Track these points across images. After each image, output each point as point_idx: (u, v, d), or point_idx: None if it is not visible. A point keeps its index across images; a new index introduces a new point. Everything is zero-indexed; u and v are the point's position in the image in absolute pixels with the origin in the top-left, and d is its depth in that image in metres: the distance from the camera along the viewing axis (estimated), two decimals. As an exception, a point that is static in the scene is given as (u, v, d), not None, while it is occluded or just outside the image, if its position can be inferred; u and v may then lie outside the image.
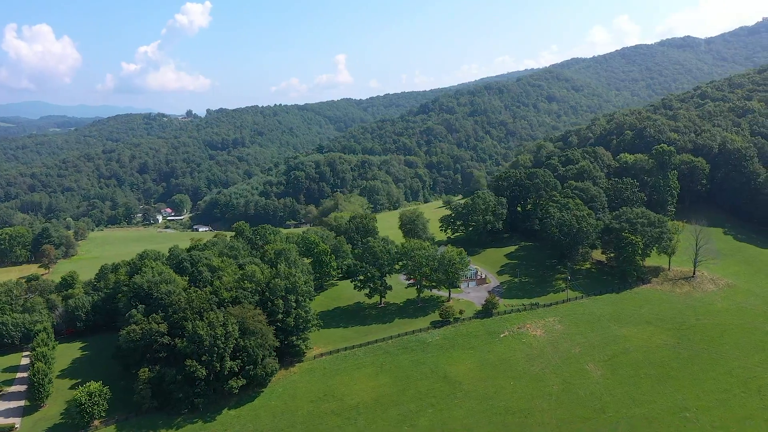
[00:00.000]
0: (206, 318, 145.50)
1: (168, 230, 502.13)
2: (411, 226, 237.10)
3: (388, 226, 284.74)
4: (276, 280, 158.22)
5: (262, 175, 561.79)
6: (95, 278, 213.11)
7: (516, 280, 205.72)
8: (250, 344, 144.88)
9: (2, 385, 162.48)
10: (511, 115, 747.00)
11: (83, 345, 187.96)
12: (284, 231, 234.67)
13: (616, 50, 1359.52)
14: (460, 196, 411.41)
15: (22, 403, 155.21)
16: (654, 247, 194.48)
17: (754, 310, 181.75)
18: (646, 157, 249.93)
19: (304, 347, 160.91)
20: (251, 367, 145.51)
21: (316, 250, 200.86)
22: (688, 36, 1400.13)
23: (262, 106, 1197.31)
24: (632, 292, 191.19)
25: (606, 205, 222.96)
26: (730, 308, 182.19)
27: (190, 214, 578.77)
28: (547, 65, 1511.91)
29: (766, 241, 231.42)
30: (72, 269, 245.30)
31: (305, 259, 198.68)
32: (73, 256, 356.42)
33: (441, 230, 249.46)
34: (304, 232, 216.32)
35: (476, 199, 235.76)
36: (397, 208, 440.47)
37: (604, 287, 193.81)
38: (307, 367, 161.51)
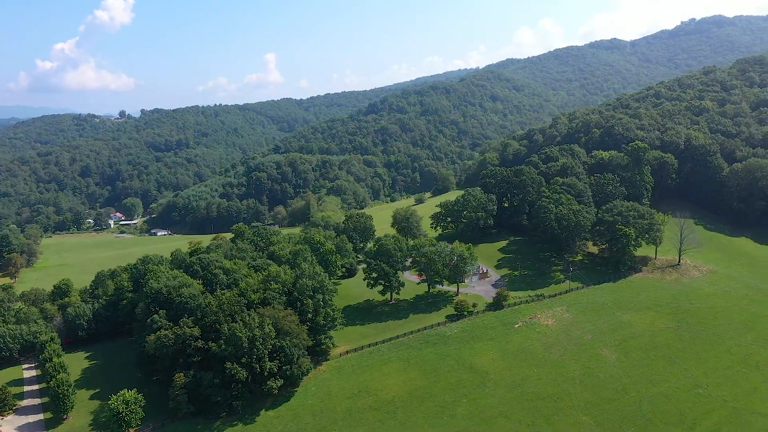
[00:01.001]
0: (241, 319, 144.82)
1: (124, 235, 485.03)
2: (405, 224, 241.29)
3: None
4: (303, 279, 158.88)
5: (219, 177, 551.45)
6: (92, 285, 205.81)
7: (516, 273, 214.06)
8: (287, 344, 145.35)
9: (14, 399, 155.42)
10: (461, 115, 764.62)
11: (88, 354, 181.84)
12: (285, 231, 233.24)
13: (549, 51, 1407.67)
14: (429, 194, 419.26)
15: (41, 416, 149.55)
16: (643, 238, 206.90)
17: (737, 293, 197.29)
18: (621, 154, 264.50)
19: (331, 345, 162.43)
20: (288, 367, 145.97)
21: (321, 250, 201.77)
22: (615, 38, 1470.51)
23: (203, 106, 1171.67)
24: (627, 281, 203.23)
25: (591, 200, 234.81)
26: (716, 292, 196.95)
27: (144, 218, 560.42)
28: (476, 66, 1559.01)
29: (734, 230, 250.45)
30: (38, 278, 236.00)
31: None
32: (34, 264, 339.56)
33: (432, 227, 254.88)
34: (306, 232, 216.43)
35: (468, 196, 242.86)
36: (363, 208, 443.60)
37: (600, 277, 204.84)
38: (335, 365, 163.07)
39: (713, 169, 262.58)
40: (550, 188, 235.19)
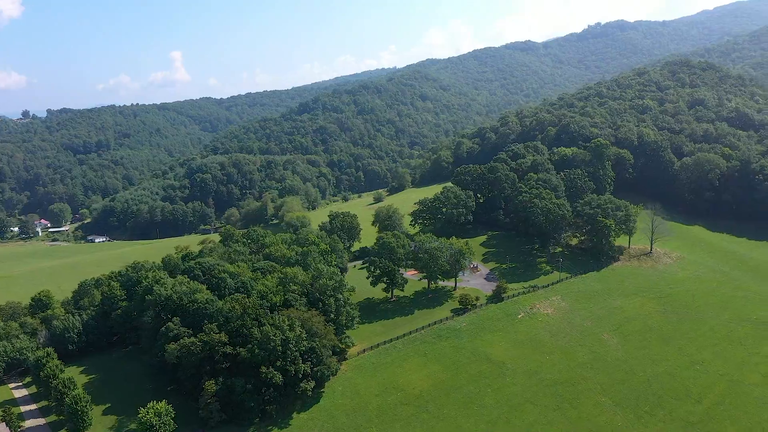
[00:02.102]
0: (271, 322, 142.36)
1: (58, 243, 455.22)
2: (388, 222, 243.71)
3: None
4: (323, 279, 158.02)
5: (157, 179, 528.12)
6: (74, 296, 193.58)
7: (504, 266, 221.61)
8: (317, 345, 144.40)
9: (17, 420, 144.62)
10: (396, 114, 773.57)
11: (83, 368, 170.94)
12: (282, 235, 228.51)
13: (468, 52, 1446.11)
14: (383, 191, 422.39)
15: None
16: (620, 229, 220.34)
17: (707, 277, 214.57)
18: (584, 151, 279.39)
19: (350, 344, 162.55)
20: (318, 368, 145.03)
21: (317, 250, 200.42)
22: (529, 40, 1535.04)
23: (120, 106, 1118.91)
24: (610, 269, 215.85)
25: (564, 194, 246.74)
26: (689, 277, 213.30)
27: (76, 224, 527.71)
28: (392, 66, 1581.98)
29: (688, 219, 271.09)
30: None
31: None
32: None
33: (411, 225, 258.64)
34: (298, 233, 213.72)
35: (448, 193, 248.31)
36: (315, 208, 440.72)
37: (584, 267, 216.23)
38: (355, 363, 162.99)
39: (665, 163, 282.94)
40: (527, 184, 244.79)
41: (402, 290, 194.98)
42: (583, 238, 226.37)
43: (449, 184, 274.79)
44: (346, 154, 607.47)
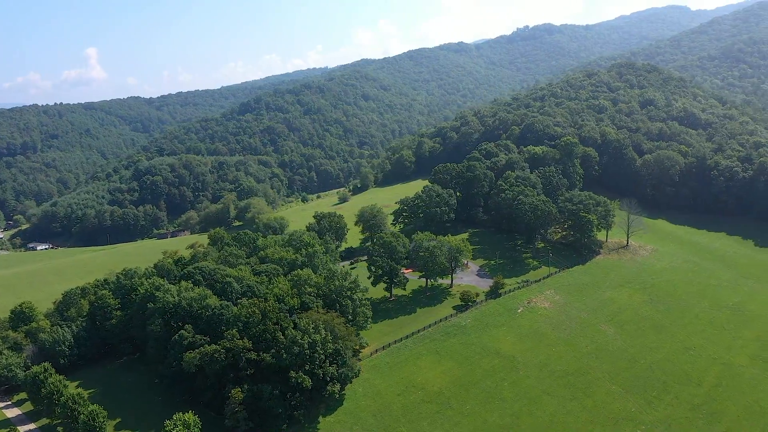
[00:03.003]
0: (292, 326, 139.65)
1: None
2: (374, 222, 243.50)
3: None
4: (338, 280, 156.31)
5: (100, 182, 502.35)
6: (59, 306, 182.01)
7: (492, 262, 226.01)
8: (341, 347, 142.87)
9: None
10: (343, 114, 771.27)
11: (78, 383, 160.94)
12: (274, 238, 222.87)
13: (404, 53, 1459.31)
14: (346, 190, 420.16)
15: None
16: (600, 224, 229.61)
17: (681, 267, 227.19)
18: (554, 149, 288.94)
19: (365, 344, 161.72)
20: (342, 369, 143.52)
21: (312, 251, 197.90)
22: (462, 42, 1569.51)
23: (44, 105, 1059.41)
24: (593, 263, 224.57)
25: (542, 191, 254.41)
26: (666, 268, 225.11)
27: (12, 232, 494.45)
28: (324, 66, 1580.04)
29: (652, 213, 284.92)
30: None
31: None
32: None
33: (392, 224, 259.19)
34: (291, 235, 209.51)
35: (430, 191, 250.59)
36: (275, 209, 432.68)
37: (568, 261, 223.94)
38: (370, 364, 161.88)
39: (627, 160, 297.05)
40: (506, 182, 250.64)
41: (404, 289, 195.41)
42: (564, 233, 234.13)
43: (427, 182, 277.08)
44: (297, 154, 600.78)
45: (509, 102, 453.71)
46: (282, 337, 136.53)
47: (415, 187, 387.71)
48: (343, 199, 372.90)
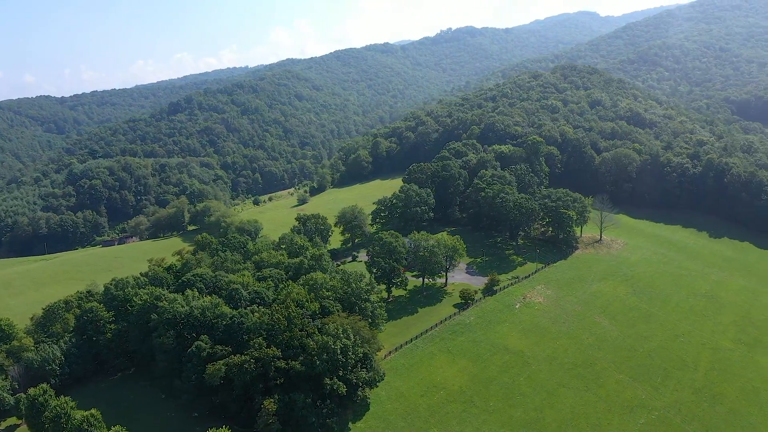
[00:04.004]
0: (320, 331, 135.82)
1: None
2: (356, 222, 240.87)
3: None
4: (356, 283, 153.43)
5: (29, 187, 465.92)
6: (40, 322, 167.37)
7: (479, 260, 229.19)
8: (368, 350, 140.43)
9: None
10: (280, 113, 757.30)
11: (75, 403, 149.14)
12: (264, 241, 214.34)
13: (331, 53, 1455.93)
14: (303, 191, 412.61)
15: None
16: (578, 220, 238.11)
17: (653, 259, 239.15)
18: (520, 148, 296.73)
19: (382, 346, 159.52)
20: (370, 373, 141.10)
21: (318, 254, 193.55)
22: (387, 42, 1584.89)
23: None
24: (574, 257, 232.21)
25: (516, 189, 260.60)
26: (640, 260, 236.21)
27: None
28: (245, 65, 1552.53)
29: (611, 209, 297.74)
30: None
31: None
32: None
33: (371, 224, 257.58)
34: (282, 238, 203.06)
35: (408, 191, 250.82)
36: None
37: (550, 256, 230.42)
38: (387, 366, 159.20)
39: (587, 158, 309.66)
40: (483, 180, 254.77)
41: (405, 289, 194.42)
42: (543, 229, 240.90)
43: (385, 182, 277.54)
44: (239, 155, 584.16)
45: (460, 102, 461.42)
46: (312, 343, 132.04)
47: (374, 188, 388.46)
48: (302, 201, 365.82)
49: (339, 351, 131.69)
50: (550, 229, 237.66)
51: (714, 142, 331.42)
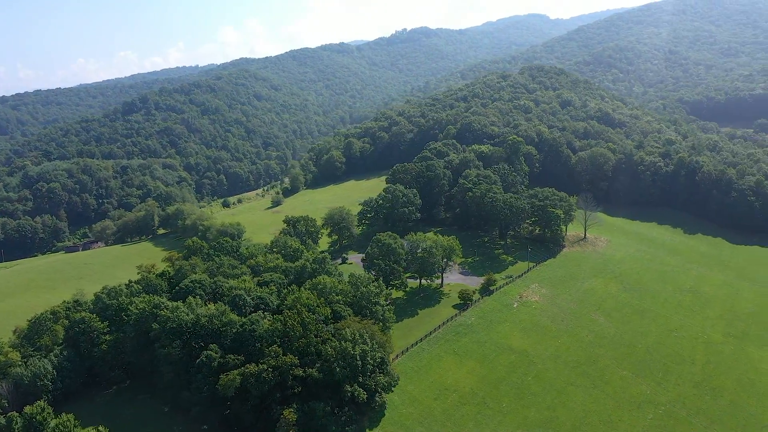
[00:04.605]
0: (329, 337, 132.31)
1: None
2: (344, 224, 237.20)
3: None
4: (366, 286, 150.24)
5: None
6: (25, 336, 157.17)
7: (470, 260, 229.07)
8: (384, 355, 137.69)
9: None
10: (241, 113, 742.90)
11: (79, 421, 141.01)
12: (257, 245, 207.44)
13: (286, 52, 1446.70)
14: (277, 192, 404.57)
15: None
16: (566, 218, 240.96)
17: (637, 256, 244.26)
18: (500, 148, 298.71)
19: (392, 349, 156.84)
20: (387, 378, 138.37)
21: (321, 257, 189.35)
22: (343, 42, 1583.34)
23: None
24: (562, 255, 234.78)
25: (501, 188, 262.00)
26: (626, 257, 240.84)
27: None
28: (195, 65, 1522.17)
29: (590, 206, 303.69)
30: None
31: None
32: None
33: (357, 225, 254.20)
34: (275, 242, 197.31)
35: (395, 192, 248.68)
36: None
37: (539, 255, 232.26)
38: (396, 369, 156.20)
39: (564, 158, 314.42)
40: (469, 180, 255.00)
41: (403, 291, 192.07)
42: (531, 228, 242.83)
43: (385, 183, 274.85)
44: (202, 156, 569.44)
45: (431, 102, 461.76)
46: (330, 349, 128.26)
47: (349, 188, 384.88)
48: (277, 202, 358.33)
49: (358, 357, 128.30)
50: (538, 228, 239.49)
51: (681, 141, 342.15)
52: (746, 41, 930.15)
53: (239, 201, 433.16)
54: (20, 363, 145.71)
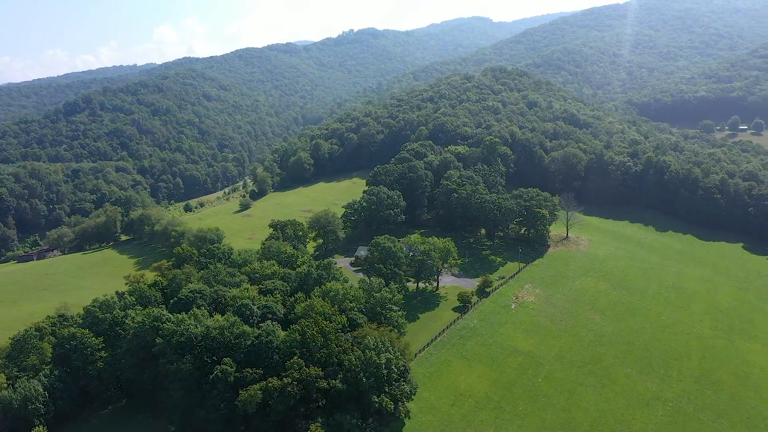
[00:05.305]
0: (349, 346, 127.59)
1: None
2: (330, 227, 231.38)
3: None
4: (379, 292, 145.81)
5: None
6: (9, 355, 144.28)
7: (460, 261, 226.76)
8: (406, 362, 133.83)
9: None
10: (194, 114, 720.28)
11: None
12: (249, 252, 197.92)
13: (232, 52, 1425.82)
14: (243, 194, 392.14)
15: None
16: (551, 218, 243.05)
17: (619, 254, 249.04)
18: (477, 149, 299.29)
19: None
20: (409, 386, 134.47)
21: (298, 261, 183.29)
22: (290, 43, 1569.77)
23: None
24: (549, 255, 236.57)
25: (486, 189, 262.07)
26: (608, 256, 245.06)
27: None
28: (133, 64, 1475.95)
29: (578, 207, 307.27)
30: None
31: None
32: None
33: (341, 229, 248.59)
34: (267, 247, 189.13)
35: (380, 194, 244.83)
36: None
37: (526, 255, 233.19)
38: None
39: (537, 158, 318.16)
40: (452, 181, 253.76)
41: (402, 295, 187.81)
42: (515, 227, 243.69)
43: (366, 185, 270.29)
44: (156, 159, 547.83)
45: (396, 103, 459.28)
46: (354, 359, 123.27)
47: (320, 191, 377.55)
48: (245, 206, 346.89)
49: (384, 365, 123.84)
50: (524, 228, 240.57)
51: (645, 142, 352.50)
52: (683, 45, 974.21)
53: (201, 205, 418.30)
54: (6, 385, 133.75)
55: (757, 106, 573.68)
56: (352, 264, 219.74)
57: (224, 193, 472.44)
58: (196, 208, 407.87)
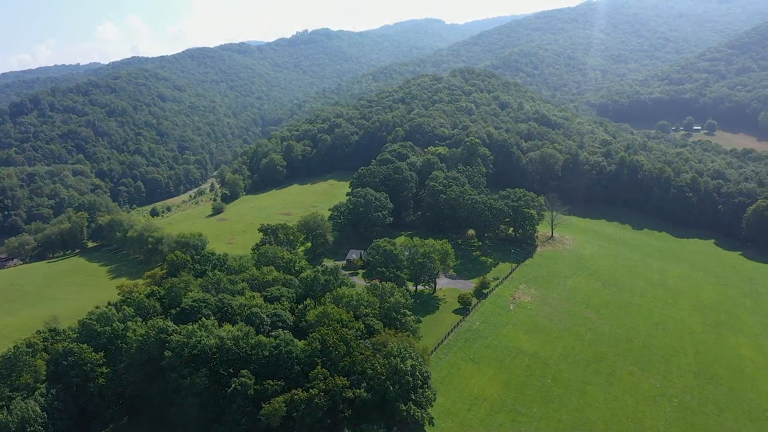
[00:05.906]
0: (370, 354, 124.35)
1: None
2: (319, 231, 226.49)
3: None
4: (392, 296, 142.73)
5: None
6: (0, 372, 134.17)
7: (456, 263, 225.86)
8: (427, 368, 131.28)
9: None
10: (151, 115, 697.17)
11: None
12: (245, 258, 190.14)
13: (184, 51, 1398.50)
14: (214, 197, 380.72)
15: None
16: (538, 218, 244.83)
17: (603, 252, 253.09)
18: (460, 149, 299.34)
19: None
20: (430, 392, 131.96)
21: (296, 267, 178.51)
22: (243, 42, 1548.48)
23: None
24: (538, 255, 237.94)
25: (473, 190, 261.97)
26: (594, 254, 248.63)
27: None
28: (52, 63, 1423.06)
29: (563, 207, 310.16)
30: None
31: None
32: None
33: (330, 232, 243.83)
34: (262, 253, 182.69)
35: (368, 196, 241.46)
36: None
37: (516, 255, 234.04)
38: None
39: (515, 158, 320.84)
40: (438, 182, 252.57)
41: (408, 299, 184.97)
42: (505, 228, 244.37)
43: (342, 186, 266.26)
44: (115, 162, 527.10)
45: (366, 104, 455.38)
46: (380, 367, 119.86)
47: (295, 193, 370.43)
48: (218, 210, 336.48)
49: (410, 373, 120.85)
50: (512, 228, 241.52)
51: (614, 142, 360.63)
52: (633, 48, 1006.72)
53: (168, 209, 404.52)
54: (15, 406, 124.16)
55: (708, 107, 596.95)
56: (344, 268, 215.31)
57: (190, 196, 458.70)
58: (163, 212, 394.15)
